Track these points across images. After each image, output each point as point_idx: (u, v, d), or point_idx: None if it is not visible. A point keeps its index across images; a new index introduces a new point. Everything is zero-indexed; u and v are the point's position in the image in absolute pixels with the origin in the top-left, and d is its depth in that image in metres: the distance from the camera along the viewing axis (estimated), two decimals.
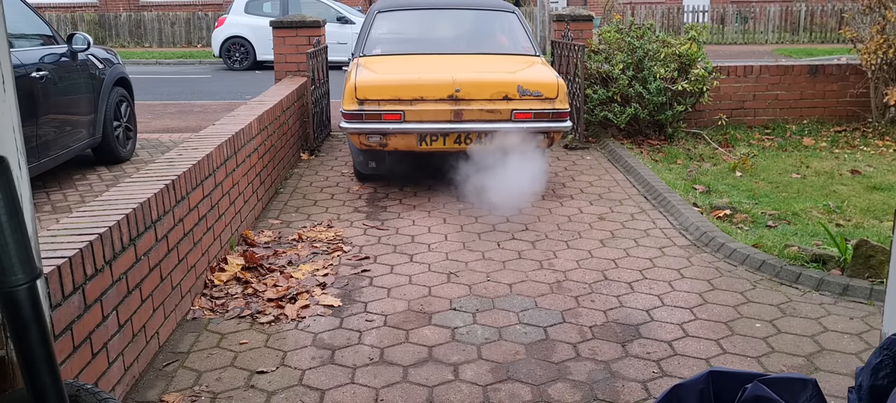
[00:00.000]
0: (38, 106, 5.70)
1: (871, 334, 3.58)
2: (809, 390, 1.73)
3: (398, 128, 5.58)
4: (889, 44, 7.82)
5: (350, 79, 5.77)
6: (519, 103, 5.60)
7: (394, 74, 5.97)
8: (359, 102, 5.58)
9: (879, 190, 5.98)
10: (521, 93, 5.60)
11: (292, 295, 4.03)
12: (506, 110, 5.59)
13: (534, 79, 5.76)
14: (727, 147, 7.60)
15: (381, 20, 6.93)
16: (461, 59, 6.38)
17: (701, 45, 7.88)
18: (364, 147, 5.73)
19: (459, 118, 5.58)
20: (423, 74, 5.79)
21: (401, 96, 5.58)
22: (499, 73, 5.94)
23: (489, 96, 5.59)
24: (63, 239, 2.74)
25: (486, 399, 3.07)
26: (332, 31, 12.05)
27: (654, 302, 3.98)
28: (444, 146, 5.68)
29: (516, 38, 6.80)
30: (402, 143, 5.68)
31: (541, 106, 5.63)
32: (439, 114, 5.58)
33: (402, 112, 5.56)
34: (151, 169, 3.88)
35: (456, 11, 7.24)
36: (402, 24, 7.22)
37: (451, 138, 5.65)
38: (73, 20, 23.04)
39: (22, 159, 2.07)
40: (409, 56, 6.49)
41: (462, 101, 5.57)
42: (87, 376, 2.69)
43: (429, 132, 5.62)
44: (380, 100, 5.57)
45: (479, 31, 7.09)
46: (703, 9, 23.90)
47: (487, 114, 5.59)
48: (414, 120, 5.58)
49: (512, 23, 6.95)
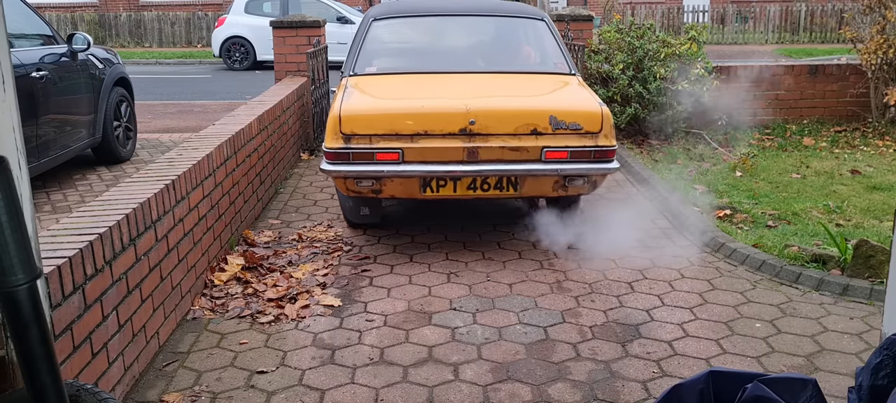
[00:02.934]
0: (38, 106, 5.70)
1: (871, 334, 3.58)
2: (809, 390, 1.73)
3: (396, 170, 4.41)
4: (889, 44, 7.83)
5: (335, 106, 4.59)
6: (551, 139, 4.45)
7: (391, 101, 4.85)
8: (345, 138, 4.41)
9: (879, 190, 5.98)
10: (554, 126, 4.44)
11: (292, 295, 4.03)
12: (534, 148, 4.43)
13: (571, 107, 4.59)
14: (727, 147, 7.60)
15: (377, 29, 5.64)
16: (477, 80, 5.19)
17: (701, 44, 7.88)
18: (352, 193, 4.62)
19: (475, 158, 4.42)
20: (428, 101, 4.61)
21: (399, 129, 4.41)
22: (525, 99, 4.85)
23: (513, 130, 4.43)
24: (63, 239, 2.74)
25: (486, 399, 3.07)
26: (332, 31, 12.05)
27: (654, 301, 3.98)
28: (454, 193, 4.53)
29: (546, 51, 5.55)
30: (400, 190, 4.54)
31: (580, 143, 4.46)
32: (449, 152, 4.41)
33: (400, 150, 4.39)
34: (151, 169, 3.87)
35: (470, 19, 5.95)
36: (402, 34, 6.02)
37: (464, 183, 4.49)
38: (73, 20, 23.05)
39: (22, 159, 2.07)
40: (410, 76, 5.29)
41: (478, 137, 4.41)
42: (87, 376, 2.69)
43: (435, 176, 4.45)
44: (372, 135, 4.40)
45: (500, 44, 5.87)
46: (703, 9, 23.90)
47: (511, 154, 4.43)
48: (416, 160, 4.40)
49: (540, 32, 5.66)
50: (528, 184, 4.52)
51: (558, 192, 4.62)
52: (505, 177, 4.48)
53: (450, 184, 4.50)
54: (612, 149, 4.53)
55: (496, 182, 4.49)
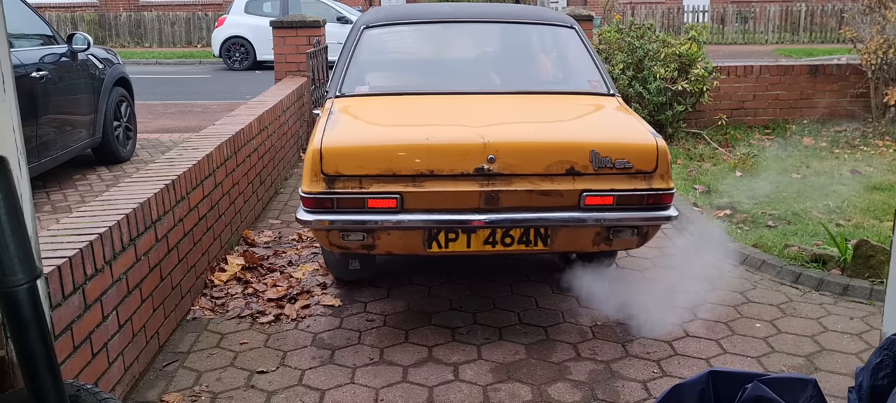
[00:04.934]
0: (38, 106, 5.70)
1: (871, 334, 3.58)
2: (809, 390, 1.73)
3: (394, 221, 3.38)
4: (889, 44, 7.83)
5: (315, 137, 3.52)
6: (593, 180, 3.42)
7: (387, 130, 3.82)
8: (327, 179, 3.35)
9: (879, 190, 5.98)
10: (596, 164, 3.41)
11: (292, 295, 4.03)
12: (571, 192, 3.41)
13: (617, 139, 3.57)
14: (727, 147, 7.60)
15: (371, 39, 4.47)
16: (495, 103, 4.11)
17: (701, 44, 7.88)
18: (337, 249, 3.58)
19: (494, 205, 3.39)
20: (435, 131, 3.56)
21: (398, 168, 3.36)
22: (559, 129, 3.85)
23: (543, 169, 3.40)
24: (63, 239, 2.74)
25: (486, 399, 3.07)
26: (333, 31, 12.05)
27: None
28: (467, 248, 3.48)
29: (578, 66, 4.44)
30: (399, 245, 3.51)
31: (629, 185, 3.44)
32: (461, 198, 3.38)
33: (399, 195, 3.35)
34: (151, 169, 3.87)
35: (484, 26, 4.75)
36: (401, 45, 4.87)
37: (481, 237, 3.45)
38: (73, 20, 23.06)
39: (22, 159, 2.07)
40: (411, 98, 4.20)
41: (499, 178, 3.37)
42: (87, 376, 2.69)
43: (444, 227, 3.42)
44: (363, 176, 3.35)
45: (521, 57, 4.73)
46: (703, 9, 23.91)
47: (540, 199, 3.41)
48: (420, 208, 3.39)
49: (570, 43, 4.54)
50: (563, 236, 3.50)
51: (600, 247, 3.59)
52: (532, 228, 3.45)
53: (462, 238, 3.46)
54: (669, 192, 3.51)
55: (521, 235, 3.46)
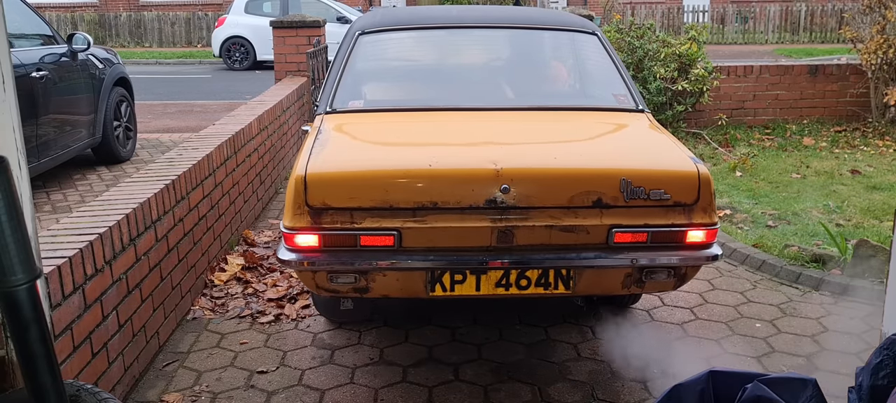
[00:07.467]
0: (38, 106, 5.70)
1: (871, 334, 3.58)
2: (809, 390, 1.73)
3: (391, 261, 2.84)
4: (889, 44, 7.82)
5: (299, 161, 2.95)
6: (623, 214, 2.87)
7: (383, 154, 3.25)
8: (313, 212, 2.82)
9: (879, 190, 5.98)
10: (627, 195, 2.86)
11: (292, 295, 4.03)
12: (598, 228, 2.87)
13: (652, 165, 3.02)
14: (727, 147, 7.60)
15: (366, 46, 3.93)
16: (507, 120, 3.57)
17: (701, 44, 7.88)
18: (325, 293, 3.00)
19: (508, 242, 2.85)
20: (439, 156, 3.02)
21: (396, 200, 2.81)
22: (583, 152, 3.29)
23: (566, 201, 2.85)
24: (63, 239, 2.74)
25: (486, 399, 3.07)
26: (333, 31, 12.05)
27: (655, 301, 3.98)
28: (476, 292, 2.94)
29: (601, 78, 3.91)
30: (396, 288, 2.95)
31: (665, 219, 2.90)
32: (470, 234, 2.83)
33: (397, 231, 2.81)
34: (151, 169, 3.87)
35: (494, 32, 4.21)
36: (400, 54, 4.24)
37: (492, 279, 2.90)
38: (73, 20, 23.06)
39: (22, 159, 2.07)
40: (411, 115, 3.62)
41: (513, 212, 2.82)
42: (87, 376, 2.69)
43: (450, 268, 2.89)
44: (355, 209, 2.80)
45: (536, 67, 4.16)
46: (703, 9, 23.91)
47: (562, 236, 2.86)
48: (421, 246, 2.84)
49: (591, 50, 3.99)
50: (588, 279, 2.97)
51: (631, 289, 3.05)
52: (553, 269, 2.91)
53: (470, 280, 2.92)
54: (713, 227, 2.96)
55: (539, 276, 2.92)
